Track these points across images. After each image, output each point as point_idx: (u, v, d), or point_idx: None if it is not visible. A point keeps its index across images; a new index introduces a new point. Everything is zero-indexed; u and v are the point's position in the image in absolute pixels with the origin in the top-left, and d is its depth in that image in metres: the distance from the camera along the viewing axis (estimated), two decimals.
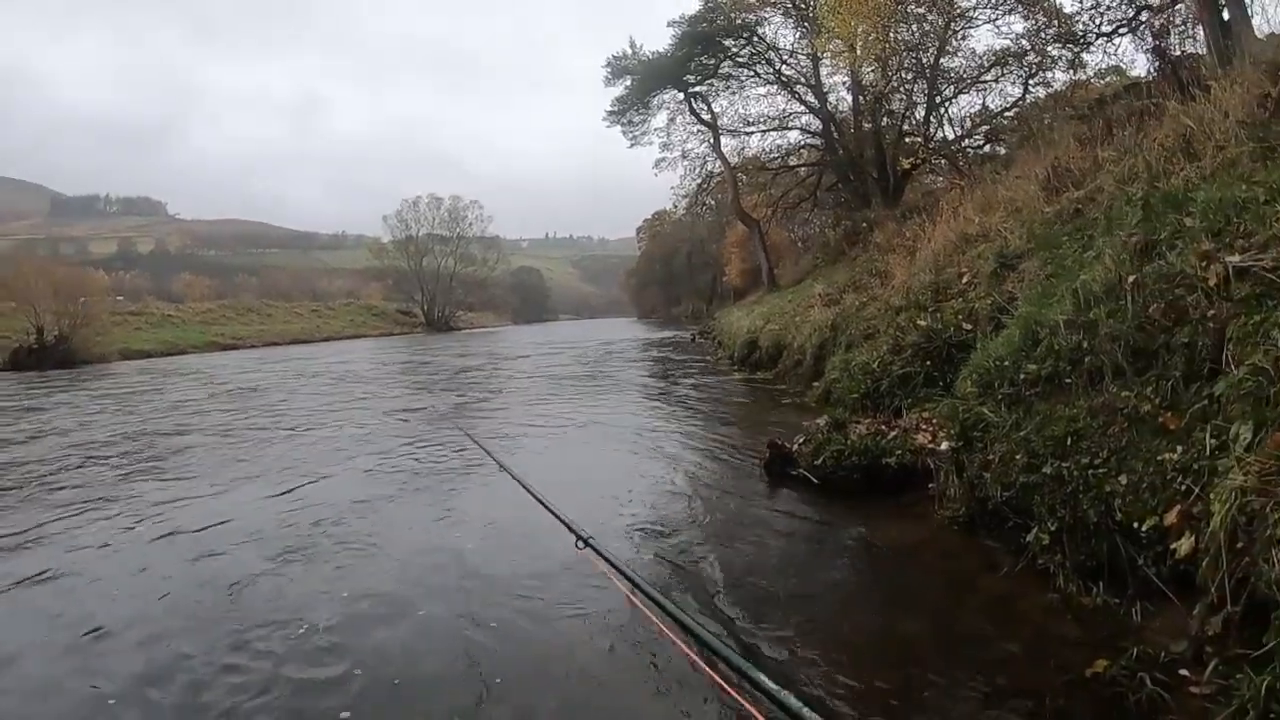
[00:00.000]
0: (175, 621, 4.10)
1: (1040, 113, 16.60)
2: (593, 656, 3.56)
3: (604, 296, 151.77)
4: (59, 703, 3.32)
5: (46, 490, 7.48)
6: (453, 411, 12.46)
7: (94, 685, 3.43)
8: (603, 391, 15.24)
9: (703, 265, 58.89)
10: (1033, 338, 5.06)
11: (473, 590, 4.39)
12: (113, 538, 5.75)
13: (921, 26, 19.77)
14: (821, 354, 11.67)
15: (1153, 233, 4.68)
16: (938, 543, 4.74)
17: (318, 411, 13.01)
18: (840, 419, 6.75)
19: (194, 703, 3.26)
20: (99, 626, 4.04)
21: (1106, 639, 3.20)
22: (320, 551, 5.21)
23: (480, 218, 76.43)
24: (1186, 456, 3.30)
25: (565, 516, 3.60)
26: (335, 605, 4.22)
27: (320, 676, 3.44)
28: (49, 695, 3.38)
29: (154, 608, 4.32)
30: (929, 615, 3.79)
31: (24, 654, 3.78)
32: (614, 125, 29.17)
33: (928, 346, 7.59)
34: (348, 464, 8.24)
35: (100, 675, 3.52)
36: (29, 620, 4.24)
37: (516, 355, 28.10)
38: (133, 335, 41.12)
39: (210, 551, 5.27)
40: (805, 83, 25.75)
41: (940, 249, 10.38)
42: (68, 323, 32.79)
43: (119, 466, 8.53)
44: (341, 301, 78.32)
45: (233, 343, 47.32)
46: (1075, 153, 8.99)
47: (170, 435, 10.83)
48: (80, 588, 4.70)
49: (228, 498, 6.92)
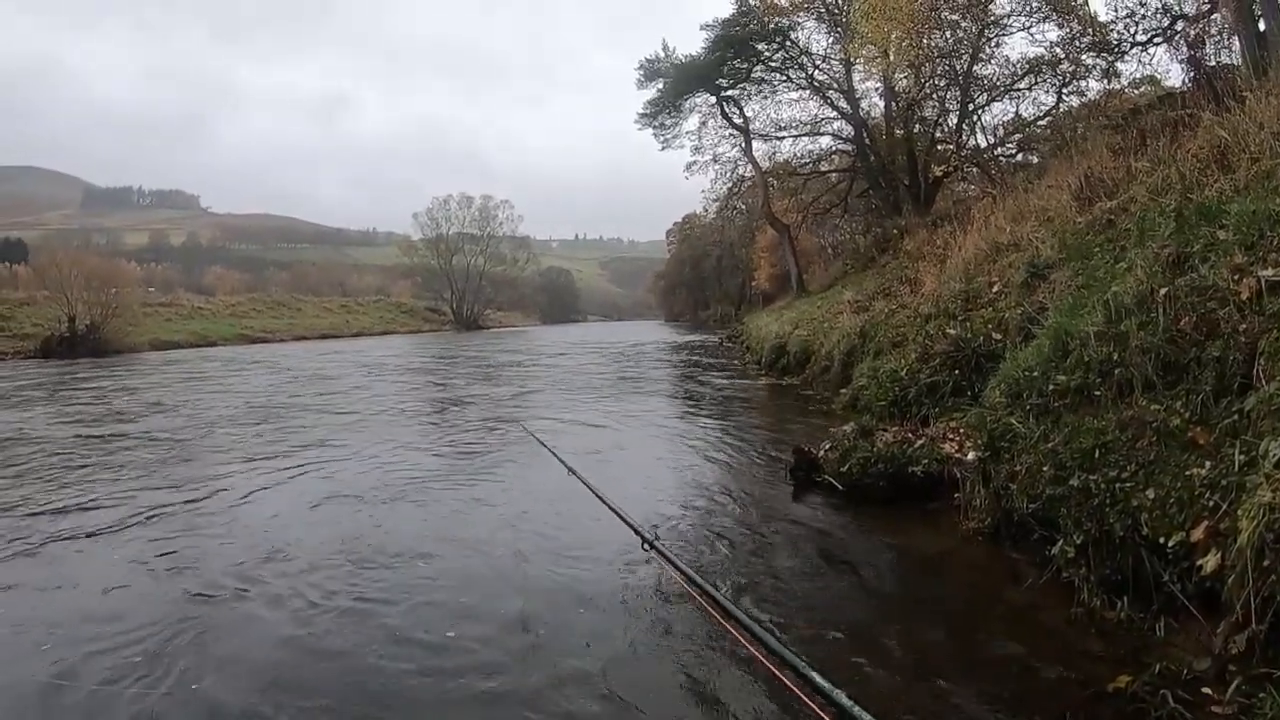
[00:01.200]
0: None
1: (1074, 122, 16.38)
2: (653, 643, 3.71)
3: (632, 298, 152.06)
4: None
5: (209, 450, 9.15)
6: (508, 400, 13.96)
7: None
8: (632, 392, 15.40)
9: (732, 269, 58.80)
10: (1063, 349, 5.02)
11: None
12: (268, 481, 7.37)
13: (955, 33, 19.68)
14: (850, 360, 11.62)
15: (1185, 245, 4.64)
16: (962, 553, 4.73)
17: (391, 395, 15.08)
18: (867, 426, 6.74)
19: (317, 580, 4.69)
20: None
21: (1129, 654, 3.18)
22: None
23: (511, 217, 77.15)
24: (1215, 472, 3.27)
25: (632, 520, 3.79)
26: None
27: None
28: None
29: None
30: (952, 625, 3.79)
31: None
32: (646, 128, 29.21)
33: (956, 355, 7.56)
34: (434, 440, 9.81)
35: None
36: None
37: (552, 354, 28.35)
38: (163, 326, 41.97)
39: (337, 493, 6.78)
40: (837, 88, 25.64)
41: (971, 257, 10.33)
42: (99, 312, 33.36)
43: (259, 432, 10.39)
44: (371, 298, 79.36)
45: (262, 336, 47.99)
46: (1108, 163, 8.90)
47: (282, 408, 12.95)
48: (250, 515, 6.14)
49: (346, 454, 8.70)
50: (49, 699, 3.26)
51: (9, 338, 33.28)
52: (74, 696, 3.26)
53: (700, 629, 3.74)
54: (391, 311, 73.00)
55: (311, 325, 56.02)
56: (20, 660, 3.61)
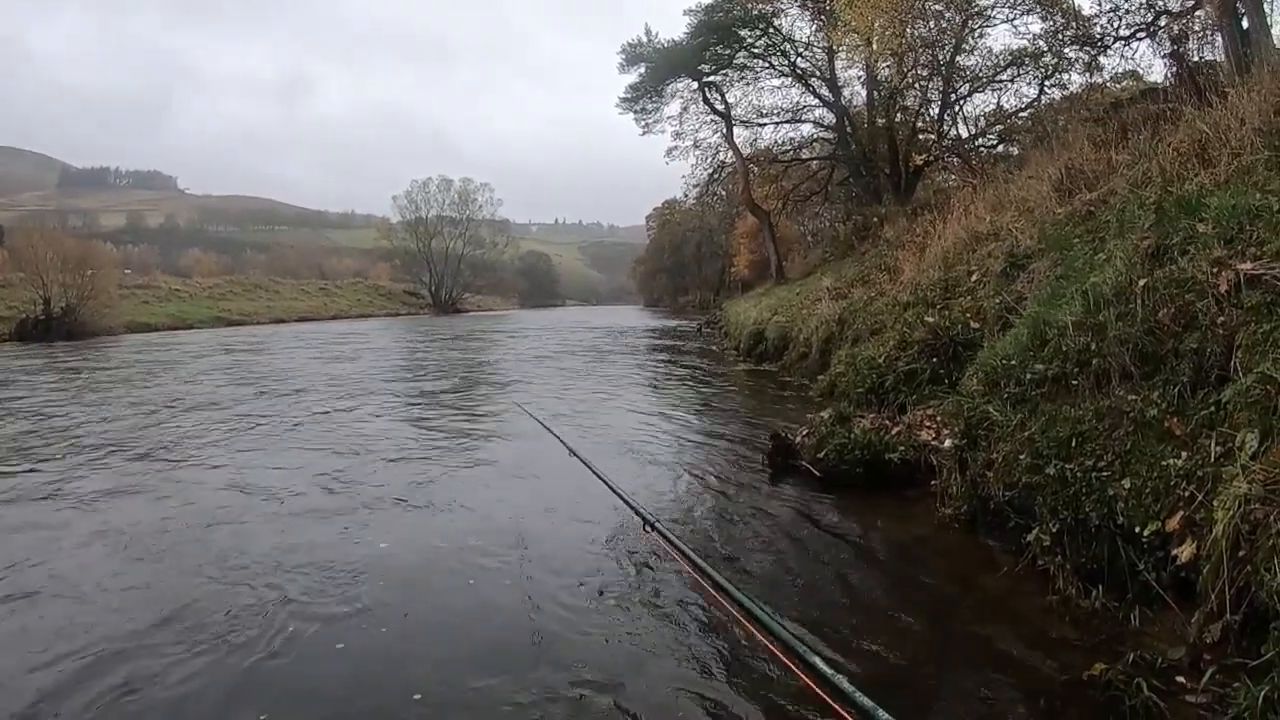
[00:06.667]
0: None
1: (1055, 114, 16.45)
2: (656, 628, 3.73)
3: (611, 283, 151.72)
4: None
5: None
6: (490, 379, 14.65)
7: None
8: (607, 376, 15.44)
9: (711, 255, 58.78)
10: (1041, 338, 5.02)
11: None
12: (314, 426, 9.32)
13: (939, 23, 19.61)
14: (827, 347, 11.65)
15: (1165, 237, 4.65)
16: (938, 540, 4.75)
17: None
18: (844, 413, 6.75)
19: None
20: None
21: (1104, 643, 3.20)
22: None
23: (490, 201, 76.62)
24: (1191, 463, 3.29)
25: (634, 502, 3.88)
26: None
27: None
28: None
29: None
30: (927, 612, 3.79)
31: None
32: (627, 112, 28.98)
33: (934, 343, 7.59)
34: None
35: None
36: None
37: (528, 338, 28.66)
38: (140, 309, 41.36)
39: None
40: (820, 76, 25.60)
41: (950, 246, 10.35)
42: (75, 294, 32.81)
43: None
44: (349, 280, 78.66)
45: (240, 319, 47.55)
46: (1089, 155, 8.93)
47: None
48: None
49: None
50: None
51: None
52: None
53: (698, 607, 3.80)
54: (369, 294, 72.47)
55: (289, 308, 55.57)
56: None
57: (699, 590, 3.62)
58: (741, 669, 3.28)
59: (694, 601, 3.88)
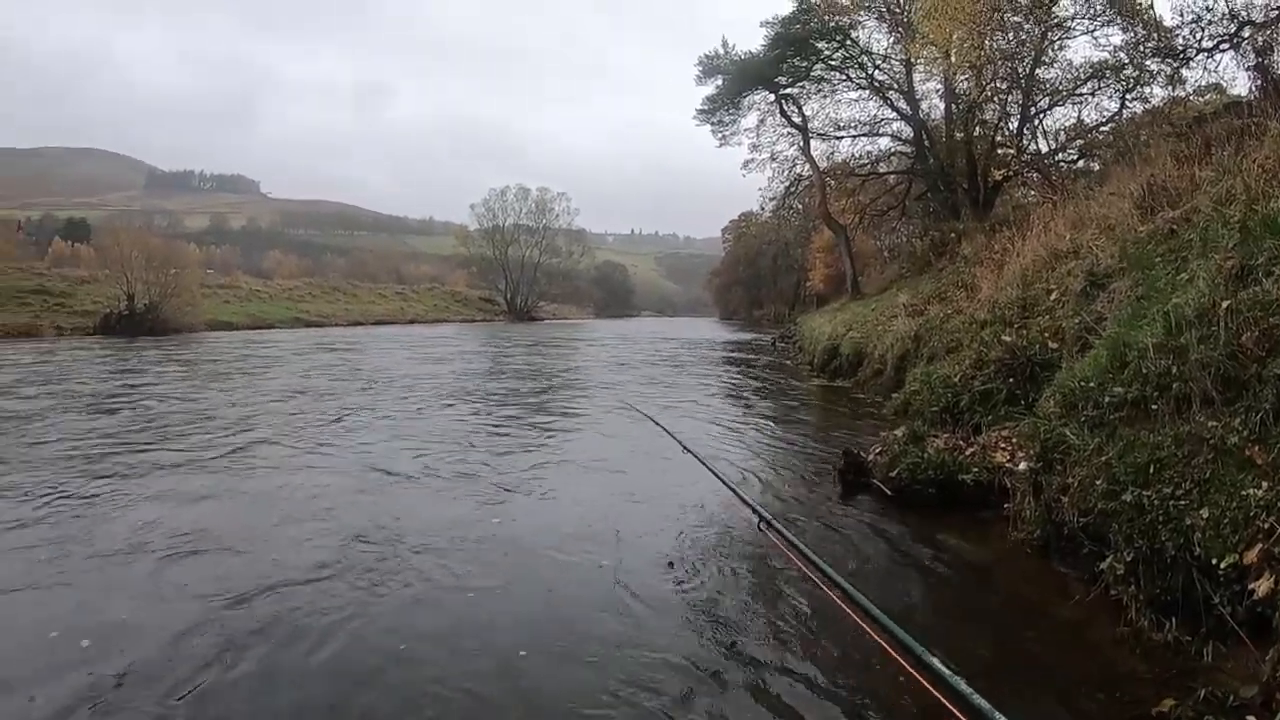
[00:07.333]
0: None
1: (1136, 129, 15.95)
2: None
3: (686, 295, 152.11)
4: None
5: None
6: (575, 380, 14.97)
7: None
8: (688, 385, 15.79)
9: (787, 269, 58.58)
10: (1120, 360, 4.92)
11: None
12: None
13: (1018, 35, 19.29)
14: (902, 365, 11.54)
15: (1249, 258, 4.52)
16: (1010, 564, 4.69)
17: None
18: (918, 432, 6.70)
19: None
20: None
21: (1175, 677, 3.13)
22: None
23: (567, 210, 78.14)
24: (1272, 493, 3.20)
25: (751, 501, 4.17)
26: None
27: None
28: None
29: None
30: (995, 638, 3.76)
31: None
32: (704, 124, 29.01)
33: (1011, 363, 7.45)
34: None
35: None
36: None
37: (606, 345, 30.08)
38: (221, 307, 43.06)
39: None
40: (897, 89, 25.31)
41: (1029, 264, 10.14)
42: (158, 291, 34.13)
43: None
44: (425, 286, 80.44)
45: (318, 320, 49.09)
46: (1172, 171, 8.64)
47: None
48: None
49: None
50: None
51: (70, 314, 34.50)
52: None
53: (813, 602, 4.00)
54: (445, 300, 74.10)
55: (366, 311, 57.24)
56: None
57: (811, 585, 3.67)
58: (856, 666, 3.39)
59: (809, 595, 4.06)
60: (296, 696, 3.17)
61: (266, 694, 3.19)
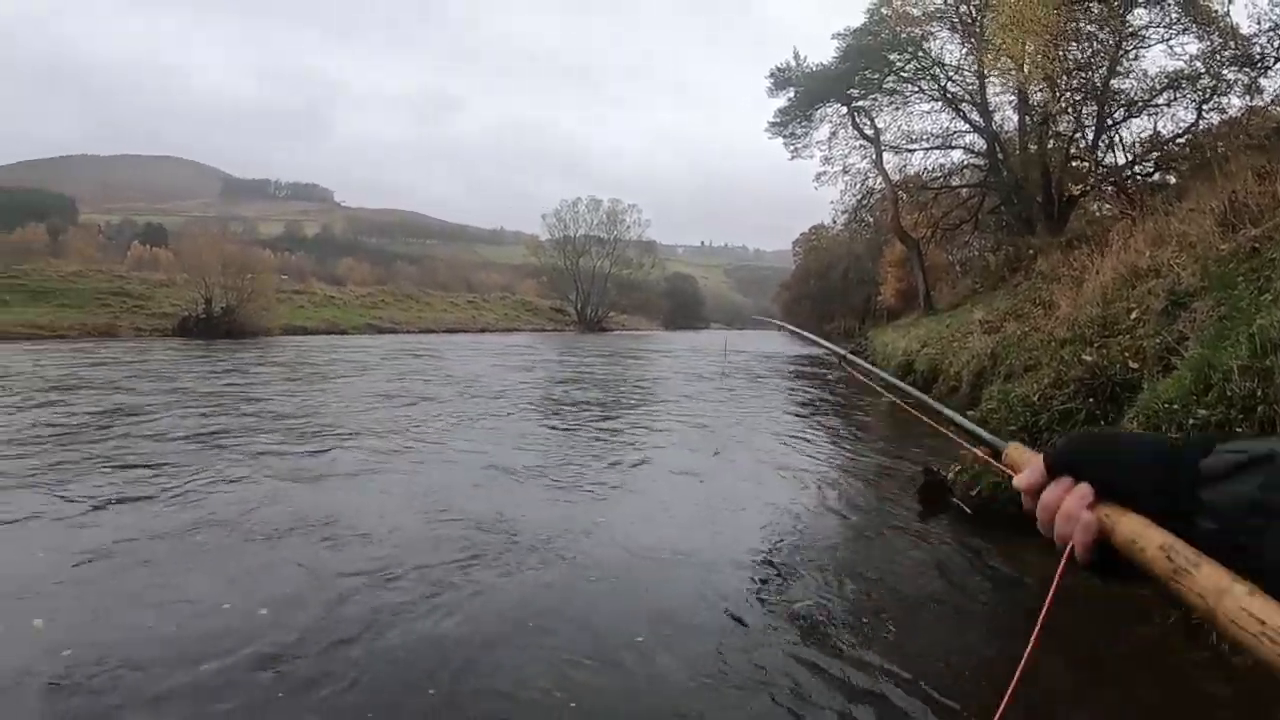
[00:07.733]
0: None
1: (1214, 140, 15.61)
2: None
3: (756, 308, 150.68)
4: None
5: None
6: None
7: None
8: (762, 397, 16.32)
9: (858, 283, 57.77)
10: (1204, 382, 4.97)
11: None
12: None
13: (1092, 45, 19.04)
14: (979, 382, 11.57)
15: None
16: (1092, 586, 4.76)
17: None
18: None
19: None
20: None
21: (1259, 703, 3.12)
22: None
23: (638, 222, 78.54)
24: None
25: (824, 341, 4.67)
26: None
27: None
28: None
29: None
30: (1075, 659, 3.74)
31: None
32: (776, 137, 29.16)
33: (1092, 383, 7.46)
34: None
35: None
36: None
37: (679, 357, 30.78)
38: (296, 312, 43.99)
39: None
40: (970, 100, 25.08)
41: (1108, 281, 10.12)
42: (235, 296, 35.14)
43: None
44: (496, 294, 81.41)
45: (391, 326, 49.67)
46: (1253, 187, 8.63)
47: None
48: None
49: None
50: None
51: (149, 316, 35.76)
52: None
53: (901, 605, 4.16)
54: (516, 309, 74.75)
55: (438, 319, 57.83)
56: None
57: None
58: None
59: (893, 593, 4.26)
60: (434, 655, 3.73)
61: (409, 654, 3.74)
